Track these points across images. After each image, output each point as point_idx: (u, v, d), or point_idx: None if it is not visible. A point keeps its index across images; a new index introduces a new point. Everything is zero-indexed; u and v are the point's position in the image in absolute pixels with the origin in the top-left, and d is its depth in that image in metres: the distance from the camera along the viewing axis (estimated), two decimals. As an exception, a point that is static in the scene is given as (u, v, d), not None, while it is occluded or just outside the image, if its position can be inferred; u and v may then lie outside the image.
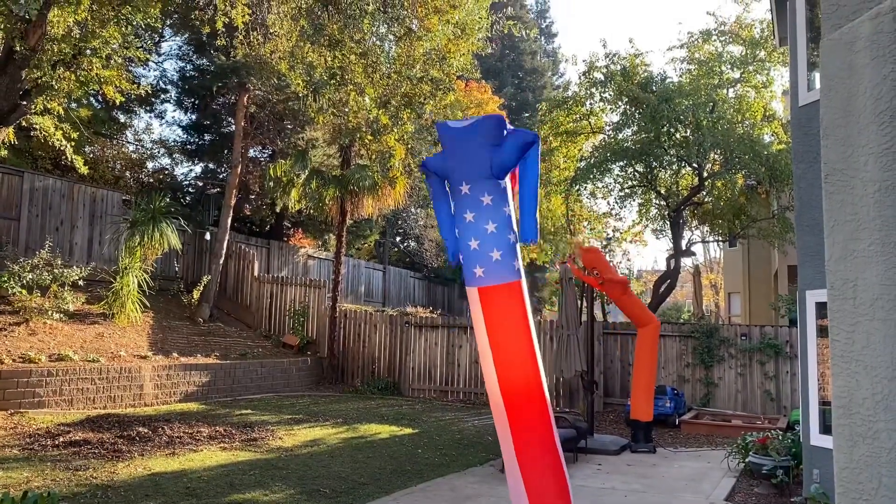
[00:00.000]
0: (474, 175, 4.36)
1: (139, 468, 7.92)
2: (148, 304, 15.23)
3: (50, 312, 13.06)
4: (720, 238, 19.77)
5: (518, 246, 4.49)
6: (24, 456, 8.11)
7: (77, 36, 9.82)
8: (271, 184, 17.84)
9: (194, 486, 7.26)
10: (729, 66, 15.83)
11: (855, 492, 3.87)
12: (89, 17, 9.95)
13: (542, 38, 49.30)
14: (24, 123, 10.81)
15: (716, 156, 15.27)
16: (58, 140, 11.42)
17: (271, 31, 13.92)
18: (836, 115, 4.07)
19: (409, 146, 13.72)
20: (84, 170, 12.58)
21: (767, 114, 15.82)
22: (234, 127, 19.95)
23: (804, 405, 7.60)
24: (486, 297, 4.30)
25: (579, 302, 12.10)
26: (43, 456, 8.16)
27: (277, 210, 21.47)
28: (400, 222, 30.31)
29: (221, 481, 7.55)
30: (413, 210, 29.35)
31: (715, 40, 16.28)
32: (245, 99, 19.00)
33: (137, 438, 9.38)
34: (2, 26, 9.62)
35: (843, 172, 4.00)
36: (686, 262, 25.17)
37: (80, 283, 14.09)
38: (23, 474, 7.25)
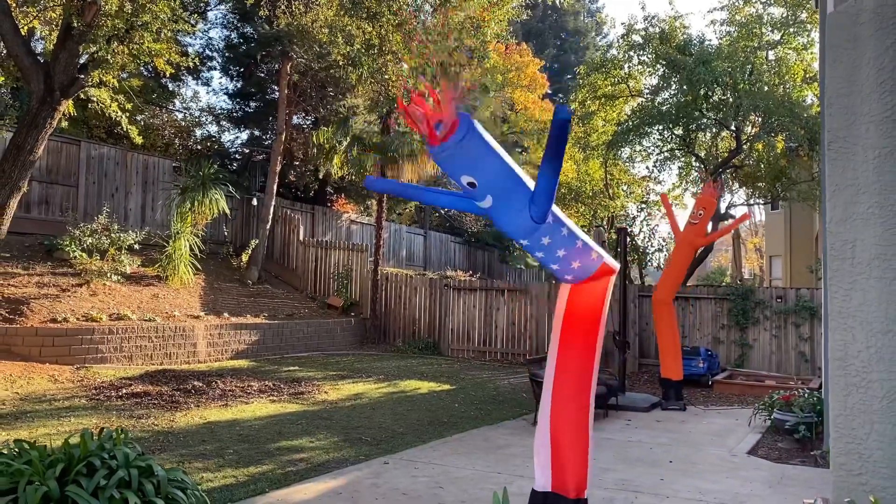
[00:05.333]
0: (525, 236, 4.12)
1: (196, 417, 8.56)
2: (199, 267, 15.95)
3: (109, 275, 13.82)
4: (760, 201, 19.67)
5: (584, 251, 4.21)
6: (92, 406, 8.83)
7: (129, 11, 10.30)
8: (314, 150, 18.35)
9: (246, 433, 7.87)
10: (769, 28, 15.67)
11: (848, 437, 4.20)
12: (140, -8, 10.41)
13: (586, -2, 48.54)
14: (81, 95, 11.41)
15: (755, 118, 15.22)
16: (114, 111, 12.03)
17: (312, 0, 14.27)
18: (840, 84, 4.29)
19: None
20: (139, 139, 13.25)
21: (808, 76, 15.65)
22: (277, 95, 20.44)
23: (825, 362, 7.82)
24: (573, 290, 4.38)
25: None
26: (108, 406, 8.87)
27: (321, 176, 22.01)
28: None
29: (271, 429, 8.15)
30: (453, 175, 29.61)
31: (756, 2, 16.10)
32: (288, 67, 19.42)
33: (193, 391, 10.05)
34: (60, 3, 10.17)
35: (844, 140, 4.25)
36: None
37: (136, 246, 14.83)
38: (92, 421, 7.94)
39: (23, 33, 10.73)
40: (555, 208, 3.99)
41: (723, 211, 18.17)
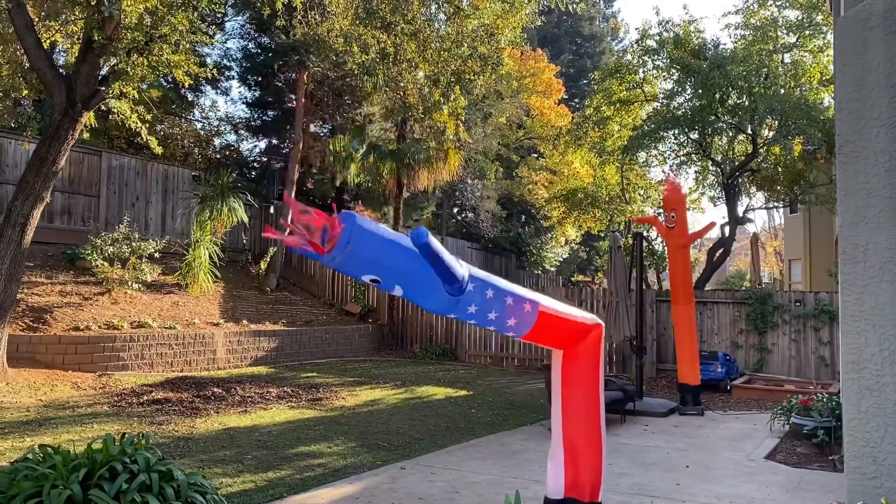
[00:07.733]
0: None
1: (215, 423, 8.67)
2: (219, 275, 16.12)
3: (130, 283, 14.02)
4: (778, 205, 19.53)
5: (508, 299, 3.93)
6: (114, 412, 8.96)
7: (148, 24, 10.47)
8: (331, 158, 18.49)
9: (265, 439, 7.96)
10: (785, 31, 15.61)
11: (862, 440, 4.20)
12: (159, 5, 10.59)
13: (601, 2, 48.50)
14: (102, 107, 11.61)
15: (771, 121, 15.15)
16: (134, 122, 12.23)
17: (328, 10, 14.43)
18: (850, 88, 4.31)
19: (463, 119, 14.08)
20: (159, 149, 13.47)
21: (824, 78, 15.53)
22: (295, 103, 20.65)
23: (842, 365, 7.78)
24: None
25: (628, 270, 12.34)
26: (130, 412, 9.00)
27: (338, 184, 22.17)
28: (457, 194, 30.70)
29: (289, 435, 8.23)
30: (469, 181, 29.70)
31: (771, 5, 16.04)
32: (305, 76, 19.62)
33: (213, 398, 10.17)
34: (82, 17, 10.37)
35: (855, 144, 4.26)
36: (749, 228, 24.89)
37: (156, 255, 15.03)
38: (114, 427, 8.07)
39: (45, 47, 10.94)
40: (476, 271, 3.80)
41: (740, 214, 18.05)
